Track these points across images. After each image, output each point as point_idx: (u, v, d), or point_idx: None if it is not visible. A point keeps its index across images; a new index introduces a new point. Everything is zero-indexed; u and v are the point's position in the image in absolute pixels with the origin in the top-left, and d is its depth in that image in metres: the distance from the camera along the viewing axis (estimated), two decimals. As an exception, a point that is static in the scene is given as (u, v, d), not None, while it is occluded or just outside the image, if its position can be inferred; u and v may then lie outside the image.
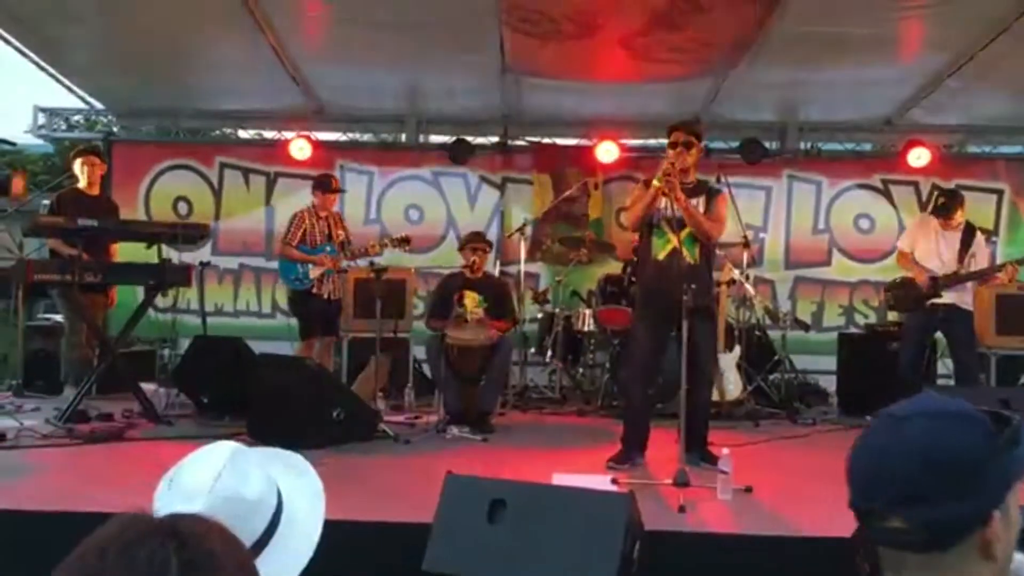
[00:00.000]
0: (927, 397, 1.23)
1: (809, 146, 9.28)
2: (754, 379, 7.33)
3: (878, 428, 1.21)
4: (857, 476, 1.20)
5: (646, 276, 5.25)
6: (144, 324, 6.81)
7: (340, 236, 7.09)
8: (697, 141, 5.15)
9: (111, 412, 6.22)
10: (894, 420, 1.19)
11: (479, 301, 6.54)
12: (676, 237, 4.95)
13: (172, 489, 1.47)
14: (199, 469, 1.49)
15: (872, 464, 1.18)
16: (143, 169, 9.20)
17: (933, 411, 1.18)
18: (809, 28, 6.47)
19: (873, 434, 1.21)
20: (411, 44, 7.11)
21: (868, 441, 1.21)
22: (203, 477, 1.47)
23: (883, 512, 1.15)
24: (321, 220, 7.05)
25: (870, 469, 1.18)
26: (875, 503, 1.16)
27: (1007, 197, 8.97)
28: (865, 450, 1.20)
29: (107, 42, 7.54)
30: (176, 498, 1.44)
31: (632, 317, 5.51)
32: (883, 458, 1.16)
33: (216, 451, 1.53)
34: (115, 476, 4.62)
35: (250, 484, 1.51)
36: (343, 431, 5.49)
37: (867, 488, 1.18)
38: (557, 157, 9.21)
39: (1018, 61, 6.89)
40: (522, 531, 3.03)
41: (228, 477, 1.48)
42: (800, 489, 4.74)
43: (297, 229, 6.98)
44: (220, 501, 1.44)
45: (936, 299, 6.42)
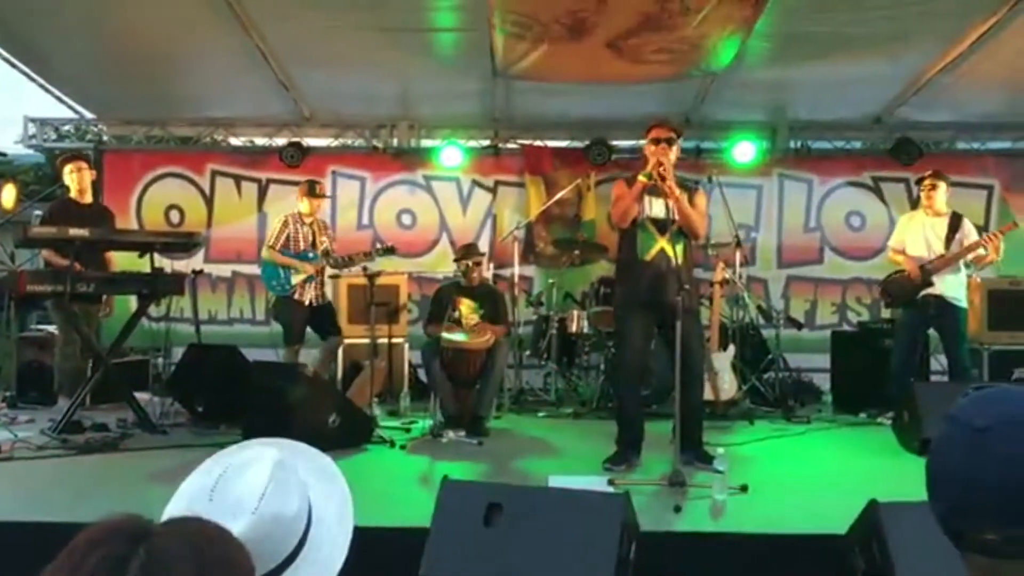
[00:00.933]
0: (1002, 399, 1.18)
1: (799, 145, 9.31)
2: (749, 378, 7.35)
3: (957, 440, 1.15)
4: (945, 493, 1.16)
5: (633, 277, 5.19)
6: (137, 333, 6.79)
7: (323, 243, 7.06)
8: (676, 138, 5.17)
9: (105, 422, 6.20)
10: (974, 432, 1.13)
11: (474, 308, 6.57)
12: (663, 238, 4.98)
13: (214, 500, 1.42)
14: (242, 481, 1.44)
15: (961, 481, 1.13)
16: (134, 178, 9.19)
17: (1014, 416, 1.13)
18: (797, 28, 6.50)
19: (953, 447, 1.15)
20: (401, 49, 7.11)
21: (950, 456, 1.16)
22: (250, 491, 1.42)
23: (978, 529, 1.12)
24: (306, 226, 7.03)
25: (959, 486, 1.13)
26: (969, 521, 1.13)
27: (996, 192, 9.00)
28: (950, 465, 1.15)
29: (96, 51, 7.51)
30: (217, 512, 1.38)
31: (617, 319, 5.47)
32: (972, 475, 1.12)
33: (262, 460, 1.48)
34: (111, 486, 4.61)
35: (290, 501, 1.46)
36: (339, 437, 5.49)
37: (959, 507, 1.14)
38: (548, 159, 9.22)
39: (1006, 57, 6.92)
40: (518, 534, 3.03)
41: (274, 494, 1.43)
42: (796, 487, 4.77)
43: (281, 233, 6.97)
44: (266, 521, 1.41)
45: (928, 290, 6.44)
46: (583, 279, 8.23)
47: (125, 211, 8.96)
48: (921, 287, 6.48)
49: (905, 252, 6.64)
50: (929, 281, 6.45)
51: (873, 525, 2.93)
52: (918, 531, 2.80)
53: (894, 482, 4.75)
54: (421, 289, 8.71)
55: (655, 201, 5.06)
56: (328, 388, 6.19)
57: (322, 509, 1.56)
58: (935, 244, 6.51)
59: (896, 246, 6.76)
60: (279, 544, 1.42)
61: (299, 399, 5.51)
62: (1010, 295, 7.50)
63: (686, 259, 5.08)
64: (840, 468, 5.39)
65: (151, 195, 9.19)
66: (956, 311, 6.45)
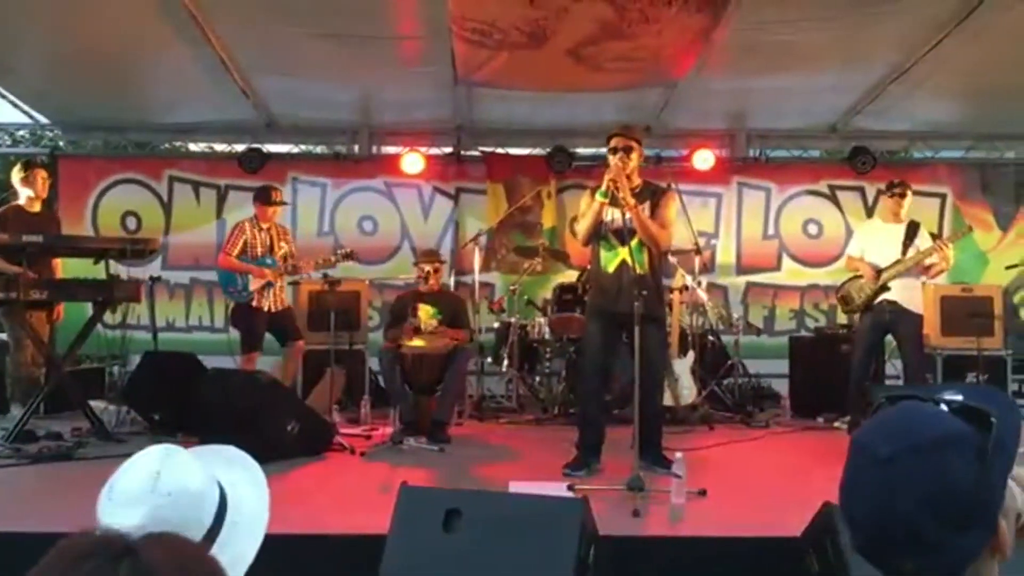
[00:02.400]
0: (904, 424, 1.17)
1: (758, 153, 9.43)
2: (708, 384, 7.42)
3: (863, 469, 1.16)
4: (859, 523, 1.17)
5: (596, 288, 5.28)
6: (93, 341, 6.68)
7: (283, 249, 7.00)
8: (637, 145, 5.17)
9: (60, 431, 6.08)
10: (880, 463, 1.14)
11: (433, 313, 6.53)
12: (625, 248, 5.01)
13: (113, 498, 1.45)
14: (135, 474, 1.47)
15: (872, 512, 1.15)
16: (90, 184, 9.07)
17: (916, 445, 1.13)
18: (755, 37, 6.58)
19: (862, 481, 1.16)
20: (362, 56, 7.10)
21: (860, 487, 1.17)
22: (142, 480, 1.46)
23: (894, 556, 1.14)
24: (263, 232, 6.95)
25: (871, 517, 1.15)
26: (884, 550, 1.15)
27: (950, 200, 9.18)
28: (860, 501, 1.17)
29: (52, 56, 7.41)
30: (119, 506, 1.43)
31: (584, 326, 5.53)
32: (883, 506, 1.13)
33: (148, 454, 1.52)
34: (65, 496, 4.53)
35: (189, 478, 1.50)
36: (298, 444, 5.46)
37: (875, 541, 1.16)
38: (510, 166, 9.25)
39: (957, 67, 7.08)
40: (477, 540, 3.03)
41: (167, 475, 1.46)
42: (753, 491, 4.81)
43: (237, 239, 6.88)
44: (164, 499, 1.44)
45: (885, 295, 6.53)
46: (544, 286, 8.26)
47: (80, 217, 8.85)
48: (877, 292, 6.58)
49: (863, 259, 6.74)
50: (885, 287, 6.55)
51: (827, 526, 2.97)
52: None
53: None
54: (382, 296, 8.68)
55: (616, 212, 5.08)
56: (287, 395, 6.14)
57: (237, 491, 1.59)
58: (892, 251, 6.61)
59: (854, 254, 6.86)
60: (193, 519, 1.44)
61: (257, 406, 5.46)
62: (962, 301, 7.67)
63: (651, 267, 5.11)
64: (797, 472, 5.46)
65: (107, 201, 9.06)
66: (912, 317, 6.55)
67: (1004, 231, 9.12)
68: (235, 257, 6.84)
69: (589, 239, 5.22)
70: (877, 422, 1.21)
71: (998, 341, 7.62)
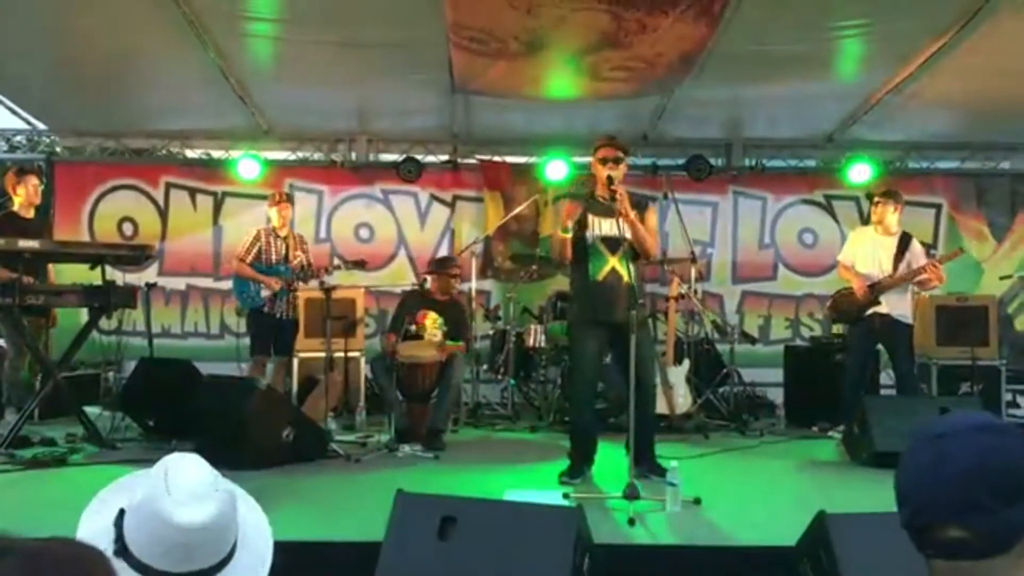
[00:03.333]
0: (959, 414, 1.26)
1: (754, 162, 9.45)
2: (703, 392, 7.42)
3: (919, 448, 1.23)
4: (910, 496, 1.22)
5: (585, 296, 5.22)
6: (89, 347, 6.67)
7: (298, 257, 7.06)
8: (624, 155, 5.21)
9: (54, 437, 6.09)
10: (934, 438, 1.21)
11: (440, 323, 6.54)
12: (614, 257, 5.03)
13: (174, 493, 1.46)
14: (194, 473, 1.50)
15: (925, 482, 1.20)
16: (87, 190, 9.06)
17: (970, 425, 1.21)
18: (752, 47, 6.61)
19: (918, 454, 1.23)
20: (359, 63, 7.11)
21: (913, 462, 1.23)
22: (203, 477, 1.50)
23: (942, 525, 1.18)
24: (279, 240, 7.05)
25: (923, 487, 1.20)
26: (934, 518, 1.19)
27: (945, 211, 9.22)
28: (913, 470, 1.23)
29: (49, 62, 7.40)
30: (187, 500, 1.46)
31: (570, 337, 5.53)
32: (935, 475, 1.19)
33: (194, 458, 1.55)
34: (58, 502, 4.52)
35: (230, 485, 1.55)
36: (293, 451, 5.45)
37: (923, 506, 1.20)
38: (507, 175, 9.26)
39: (953, 78, 7.10)
40: (473, 548, 3.03)
41: (221, 479, 1.52)
42: (748, 500, 4.81)
43: (252, 247, 7.00)
44: (226, 495, 1.49)
45: (875, 308, 6.57)
46: (540, 294, 8.27)
47: (77, 223, 8.85)
48: (868, 305, 6.61)
49: (854, 268, 6.77)
50: (876, 300, 6.58)
51: (821, 536, 2.97)
52: (865, 542, 2.86)
53: (844, 494, 4.84)
54: (378, 303, 8.69)
55: (604, 221, 5.10)
56: (282, 402, 6.14)
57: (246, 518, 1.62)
58: (884, 263, 6.64)
59: (846, 261, 6.90)
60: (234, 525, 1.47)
61: (253, 413, 5.45)
62: (957, 311, 7.67)
63: (636, 275, 5.10)
64: (792, 481, 5.46)
65: (104, 207, 9.06)
66: (903, 327, 6.59)
67: (999, 241, 9.15)
68: (249, 264, 6.90)
69: (564, 258, 5.22)
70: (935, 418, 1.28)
71: (993, 351, 7.62)
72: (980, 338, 7.48)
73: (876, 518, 3.11)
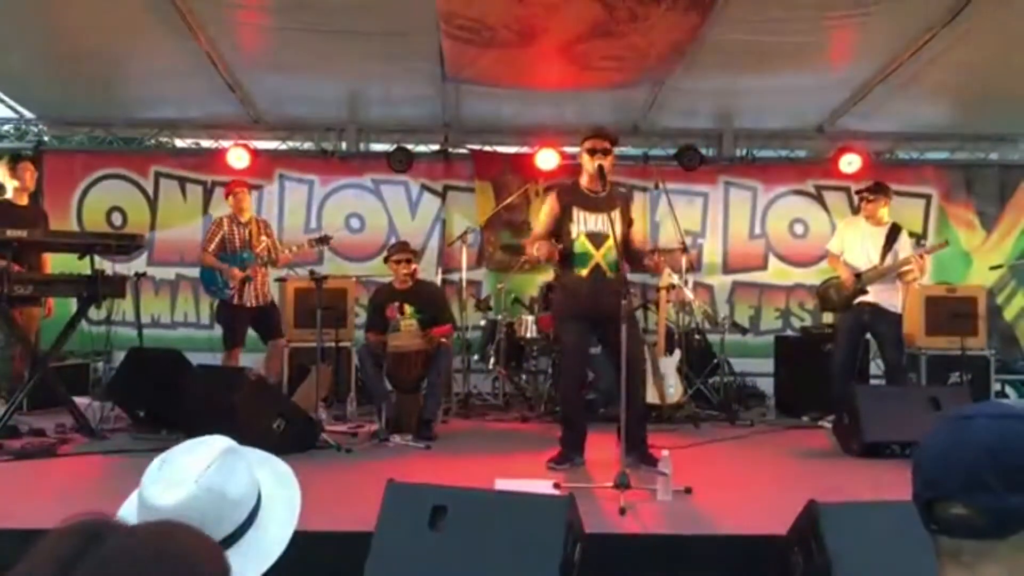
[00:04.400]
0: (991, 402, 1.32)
1: (744, 153, 9.46)
2: (694, 382, 7.44)
3: (945, 426, 1.26)
4: (924, 468, 1.25)
5: (570, 290, 5.26)
6: (77, 337, 6.65)
7: (263, 243, 7.01)
8: (611, 146, 5.20)
9: (43, 427, 6.06)
10: (960, 419, 1.25)
11: (412, 312, 6.49)
12: (598, 252, 5.04)
13: (160, 473, 1.49)
14: (190, 458, 1.51)
15: (939, 457, 1.23)
16: (75, 179, 9.01)
17: (998, 412, 1.24)
18: (743, 37, 6.60)
19: (940, 431, 1.26)
20: (350, 52, 7.09)
21: (935, 437, 1.26)
22: (192, 466, 1.50)
23: (947, 500, 1.20)
24: (242, 227, 7.00)
25: (937, 461, 1.23)
26: (940, 492, 1.21)
27: (935, 201, 9.24)
28: (933, 445, 1.25)
29: (38, 50, 7.35)
30: (162, 483, 1.48)
31: (557, 328, 5.57)
32: (950, 451, 1.22)
33: (210, 444, 1.55)
34: (48, 492, 4.51)
35: (235, 482, 1.53)
36: (284, 442, 5.41)
37: (933, 479, 1.23)
38: (498, 164, 9.24)
39: (943, 69, 7.11)
40: (463, 537, 3.03)
41: (215, 471, 1.50)
42: (739, 489, 4.83)
43: (214, 235, 6.99)
44: (203, 492, 1.47)
45: (862, 298, 6.60)
46: (531, 284, 8.26)
47: (66, 212, 8.80)
48: (855, 295, 6.63)
49: (843, 258, 6.79)
50: (863, 290, 6.61)
51: (811, 524, 2.98)
52: (855, 530, 2.88)
53: (835, 484, 4.86)
54: (369, 293, 8.65)
55: (590, 216, 5.12)
56: (273, 392, 6.12)
57: (270, 509, 1.63)
58: (872, 254, 6.66)
59: (834, 251, 6.91)
60: (218, 521, 1.47)
61: (243, 403, 5.44)
62: (946, 302, 7.71)
63: (621, 267, 5.10)
64: (782, 470, 5.48)
65: (92, 196, 9.02)
66: (891, 316, 6.61)
67: (988, 232, 9.18)
68: (213, 253, 6.87)
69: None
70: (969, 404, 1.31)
71: (982, 341, 7.67)
72: (969, 328, 7.52)
73: (866, 507, 3.13)
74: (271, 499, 1.64)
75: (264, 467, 1.71)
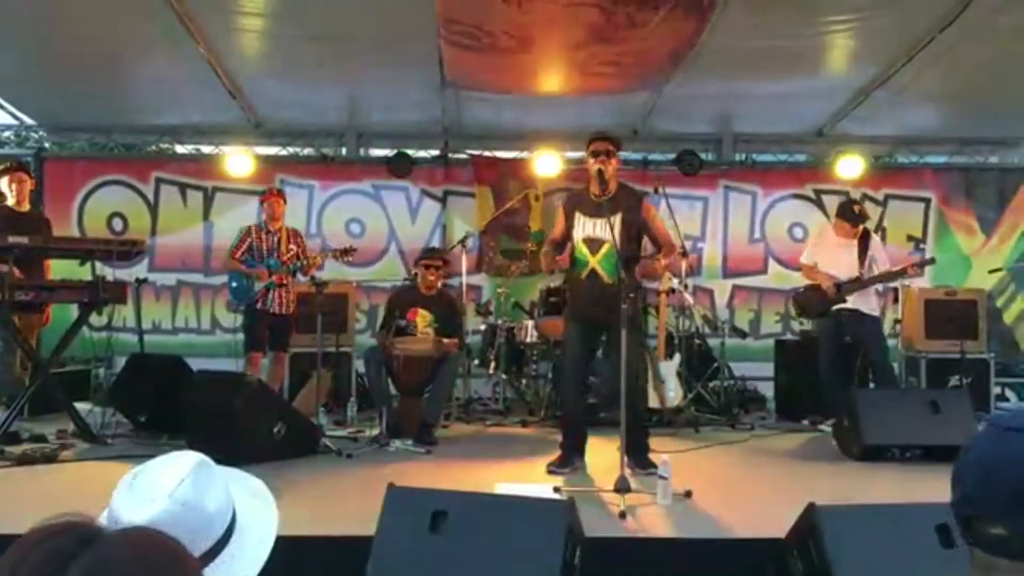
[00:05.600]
0: None
1: (744, 157, 9.48)
2: (694, 386, 7.45)
3: (986, 438, 1.22)
4: (964, 481, 1.22)
5: (572, 294, 5.38)
6: (78, 343, 6.66)
7: (291, 251, 7.01)
8: (616, 149, 5.21)
9: (44, 433, 6.06)
10: (1002, 431, 1.20)
11: (430, 320, 6.52)
12: (594, 257, 5.05)
13: (132, 489, 1.46)
14: (162, 473, 1.48)
15: (981, 472, 1.20)
16: (76, 185, 9.03)
17: None
18: (741, 43, 6.62)
19: (982, 444, 1.22)
20: (350, 58, 7.11)
21: (977, 451, 1.23)
22: (165, 481, 1.46)
23: (987, 519, 1.17)
24: (270, 235, 7.01)
25: (978, 477, 1.20)
26: (980, 509, 1.18)
27: (934, 205, 9.25)
28: (975, 460, 1.22)
29: (38, 57, 7.38)
30: (134, 499, 1.44)
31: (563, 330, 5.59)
32: (992, 468, 1.18)
33: (182, 459, 1.52)
34: (49, 498, 4.52)
35: (210, 496, 1.50)
36: (285, 446, 5.44)
37: (974, 495, 1.20)
38: (498, 170, 9.26)
39: (942, 73, 7.12)
40: (464, 541, 3.04)
41: (189, 485, 1.47)
42: (739, 493, 4.84)
43: (242, 243, 6.99)
44: (178, 507, 1.44)
45: (840, 305, 6.63)
46: (531, 288, 8.26)
47: (66, 218, 8.81)
48: (833, 302, 6.67)
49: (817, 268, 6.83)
50: (843, 299, 6.65)
51: (811, 527, 2.99)
52: (855, 533, 2.88)
53: (834, 487, 4.87)
54: (369, 299, 8.69)
55: (588, 221, 5.14)
56: (273, 397, 6.12)
57: (246, 523, 1.59)
58: (849, 265, 6.70)
59: (808, 262, 6.95)
60: (194, 537, 1.43)
61: (243, 408, 5.44)
62: (945, 305, 7.72)
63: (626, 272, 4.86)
64: (782, 474, 5.49)
65: (93, 203, 9.03)
66: (871, 321, 6.66)
67: (987, 235, 9.19)
68: (239, 260, 6.90)
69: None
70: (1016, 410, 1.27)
71: (981, 344, 7.68)
72: (969, 331, 7.54)
73: (865, 510, 3.14)
74: (246, 515, 1.60)
75: (238, 483, 1.68)
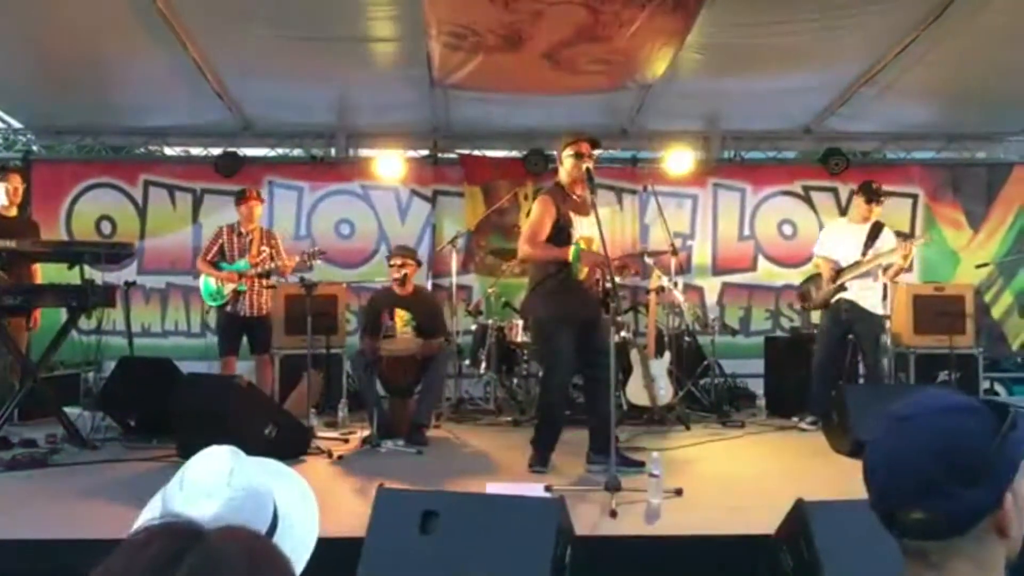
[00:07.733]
0: (926, 395, 1.29)
1: (732, 154, 9.50)
2: (684, 384, 7.47)
3: (885, 433, 1.26)
4: (875, 481, 1.26)
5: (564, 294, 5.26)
6: (67, 347, 6.65)
7: (263, 252, 6.98)
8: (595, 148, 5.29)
9: (34, 438, 6.04)
10: (898, 421, 1.25)
11: (407, 320, 6.51)
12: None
13: (185, 489, 1.49)
14: (206, 469, 1.52)
15: (887, 466, 1.23)
16: (64, 188, 8.99)
17: (935, 407, 1.24)
18: (729, 40, 6.64)
19: (883, 438, 1.26)
20: (338, 58, 7.09)
21: (878, 446, 1.26)
22: (215, 474, 1.50)
23: (905, 508, 1.21)
24: (243, 236, 7.00)
25: (886, 472, 1.24)
26: (896, 501, 1.22)
27: (921, 201, 9.28)
28: (878, 455, 1.26)
29: (25, 60, 7.33)
30: (193, 497, 1.47)
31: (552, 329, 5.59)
32: (896, 460, 1.22)
33: (217, 452, 1.57)
34: (39, 503, 4.51)
35: (257, 478, 1.57)
36: (275, 448, 5.42)
37: (886, 491, 1.24)
38: (487, 169, 9.26)
39: (928, 69, 7.15)
40: (454, 541, 3.04)
41: (239, 473, 1.52)
42: (729, 490, 4.85)
43: (213, 244, 7.03)
44: (241, 493, 1.49)
45: (843, 294, 6.61)
46: (521, 288, 8.23)
47: (54, 222, 8.77)
48: (835, 292, 6.65)
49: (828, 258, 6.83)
50: (843, 287, 6.62)
51: (800, 523, 3.00)
52: (843, 528, 2.89)
53: (824, 483, 4.88)
54: (360, 299, 8.66)
55: (578, 220, 5.16)
56: (263, 399, 6.12)
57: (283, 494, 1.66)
58: (854, 251, 6.68)
59: (823, 254, 6.91)
60: (258, 517, 1.49)
61: (233, 411, 5.44)
62: (934, 300, 7.76)
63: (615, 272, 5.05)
64: (772, 471, 5.50)
65: (81, 206, 9.00)
66: (872, 317, 6.64)
67: (975, 230, 9.23)
68: (210, 261, 6.89)
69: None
70: (907, 399, 1.30)
71: (970, 339, 7.71)
72: (957, 326, 7.57)
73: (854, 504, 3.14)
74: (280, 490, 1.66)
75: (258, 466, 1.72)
